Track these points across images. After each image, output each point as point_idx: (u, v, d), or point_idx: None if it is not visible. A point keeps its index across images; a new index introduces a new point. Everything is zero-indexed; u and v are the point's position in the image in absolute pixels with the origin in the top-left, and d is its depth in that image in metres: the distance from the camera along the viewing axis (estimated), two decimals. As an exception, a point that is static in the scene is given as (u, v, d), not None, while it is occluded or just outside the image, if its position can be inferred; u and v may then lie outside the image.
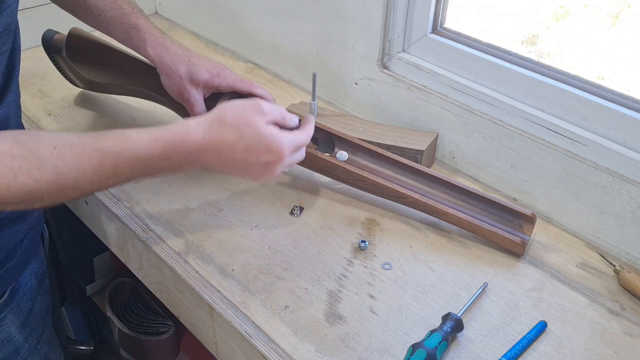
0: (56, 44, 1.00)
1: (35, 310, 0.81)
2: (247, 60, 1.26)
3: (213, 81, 0.84)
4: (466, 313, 0.70)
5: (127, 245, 0.84)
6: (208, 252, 0.77)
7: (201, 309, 0.73)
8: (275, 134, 0.68)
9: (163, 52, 0.83)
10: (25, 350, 0.80)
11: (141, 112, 1.05)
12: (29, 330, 0.80)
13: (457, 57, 0.93)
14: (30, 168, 0.57)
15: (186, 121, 0.67)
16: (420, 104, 0.96)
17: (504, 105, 0.87)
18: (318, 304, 0.71)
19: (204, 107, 0.86)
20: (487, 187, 0.93)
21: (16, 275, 0.76)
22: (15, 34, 0.68)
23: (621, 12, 0.86)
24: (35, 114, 1.04)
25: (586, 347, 0.68)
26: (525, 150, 0.86)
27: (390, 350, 0.66)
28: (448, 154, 0.97)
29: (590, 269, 0.79)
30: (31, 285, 0.80)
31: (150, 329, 1.09)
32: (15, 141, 0.57)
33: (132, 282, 1.16)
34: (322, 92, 1.12)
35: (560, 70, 0.85)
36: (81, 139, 0.60)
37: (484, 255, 0.79)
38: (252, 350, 0.67)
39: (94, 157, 0.60)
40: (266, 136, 0.67)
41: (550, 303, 0.73)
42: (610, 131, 0.80)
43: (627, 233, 0.79)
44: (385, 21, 0.95)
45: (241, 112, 0.67)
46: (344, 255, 0.78)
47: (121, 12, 0.84)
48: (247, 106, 0.68)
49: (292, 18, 1.10)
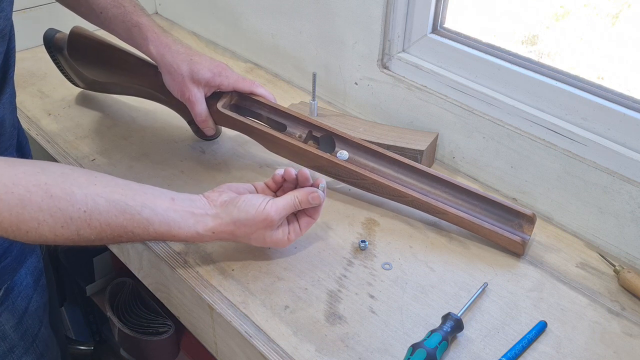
0: (58, 42, 1.00)
1: (31, 308, 0.81)
2: (247, 60, 1.26)
3: (214, 80, 0.84)
4: (466, 313, 0.70)
5: (127, 245, 0.84)
6: (208, 252, 0.77)
7: (201, 309, 0.73)
8: (278, 243, 0.72)
9: (165, 51, 0.83)
10: (20, 348, 0.80)
11: (141, 112, 1.05)
12: (24, 328, 0.80)
13: (457, 57, 0.93)
14: (55, 225, 0.58)
15: (201, 227, 0.68)
16: (420, 104, 0.96)
17: (504, 105, 0.87)
18: (318, 304, 0.71)
19: (205, 106, 0.86)
20: (487, 187, 0.93)
21: (11, 274, 0.76)
22: (9, 36, 0.68)
23: (621, 12, 0.86)
24: (35, 114, 1.04)
25: (586, 347, 0.68)
26: (525, 150, 0.86)
27: (390, 350, 0.66)
28: (448, 154, 0.97)
29: (590, 269, 0.79)
30: (27, 284, 0.80)
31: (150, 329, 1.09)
32: (48, 194, 0.57)
33: (132, 282, 1.16)
34: (322, 92, 1.12)
35: (560, 70, 0.85)
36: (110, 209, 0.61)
37: (484, 255, 0.79)
38: (252, 350, 0.67)
39: (115, 230, 0.62)
40: (270, 244, 0.72)
41: (550, 303, 0.73)
42: (610, 131, 0.80)
43: (627, 233, 0.79)
44: (385, 21, 0.95)
45: (253, 229, 0.70)
46: (344, 255, 0.78)
47: (123, 10, 0.84)
48: (259, 223, 0.69)
49: (292, 18, 1.10)
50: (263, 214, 0.69)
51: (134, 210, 0.63)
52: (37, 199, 0.56)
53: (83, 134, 0.99)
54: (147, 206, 0.64)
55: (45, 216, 0.57)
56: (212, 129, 0.89)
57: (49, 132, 0.99)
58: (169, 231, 0.66)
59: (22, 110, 1.04)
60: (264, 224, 0.69)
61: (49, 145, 0.96)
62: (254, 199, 0.70)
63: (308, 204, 0.72)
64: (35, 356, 0.83)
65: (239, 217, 0.69)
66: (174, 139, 0.99)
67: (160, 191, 0.67)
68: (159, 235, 0.66)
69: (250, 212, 0.69)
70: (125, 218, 0.62)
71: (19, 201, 0.55)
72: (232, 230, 0.69)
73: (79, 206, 0.59)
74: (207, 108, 0.86)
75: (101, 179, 0.63)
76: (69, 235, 0.59)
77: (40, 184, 0.57)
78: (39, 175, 0.57)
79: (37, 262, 0.83)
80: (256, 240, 0.71)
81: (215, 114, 0.88)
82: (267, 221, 0.69)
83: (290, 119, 0.89)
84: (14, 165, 0.57)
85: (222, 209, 0.69)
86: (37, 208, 0.56)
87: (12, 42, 0.70)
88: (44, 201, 0.57)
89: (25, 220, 0.56)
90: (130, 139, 0.98)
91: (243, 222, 0.69)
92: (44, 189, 0.57)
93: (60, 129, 1.00)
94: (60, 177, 0.59)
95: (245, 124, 0.87)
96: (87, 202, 0.59)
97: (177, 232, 0.66)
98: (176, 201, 0.67)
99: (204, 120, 0.87)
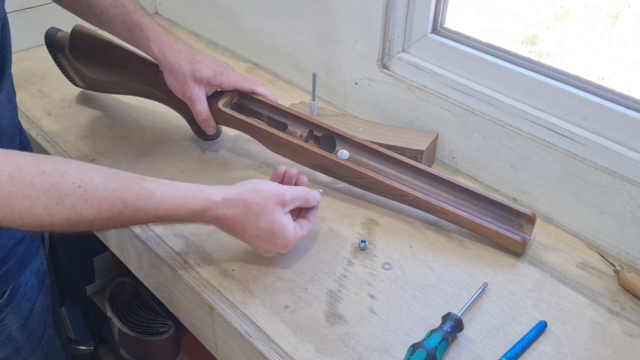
0: (59, 41, 1.00)
1: (36, 309, 0.81)
2: (247, 60, 1.26)
3: (216, 79, 0.84)
4: (466, 313, 0.70)
5: (127, 245, 0.84)
6: (208, 252, 0.77)
7: (201, 309, 0.73)
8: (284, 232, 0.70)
9: (167, 50, 0.83)
10: (26, 350, 0.80)
11: (141, 112, 1.05)
12: (30, 329, 0.80)
13: (457, 57, 0.93)
14: (49, 202, 0.56)
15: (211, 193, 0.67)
16: (420, 104, 0.96)
17: (504, 105, 0.87)
18: (318, 304, 0.71)
19: (206, 105, 0.86)
20: (487, 187, 0.93)
21: (16, 275, 0.76)
22: (3, 33, 0.68)
23: (621, 12, 0.86)
24: (35, 113, 1.04)
25: (586, 347, 0.68)
26: (525, 150, 0.86)
27: (390, 350, 0.66)
28: (448, 154, 0.97)
29: (590, 269, 0.79)
30: (32, 285, 0.80)
31: (150, 329, 1.09)
32: (40, 170, 0.55)
33: (132, 282, 1.16)
34: (322, 92, 1.12)
35: (560, 70, 0.85)
36: (107, 183, 0.59)
37: (484, 255, 0.79)
38: (252, 350, 0.67)
39: (115, 205, 0.60)
40: (277, 232, 0.70)
41: (550, 303, 0.73)
42: (610, 131, 0.80)
43: (627, 233, 0.79)
44: (385, 21, 0.95)
45: (266, 202, 0.69)
46: (344, 255, 0.78)
47: (123, 10, 0.85)
48: (273, 196, 0.69)
49: (292, 18, 1.10)
50: (277, 188, 0.70)
51: (133, 182, 0.61)
52: (28, 176, 0.54)
53: (83, 134, 0.99)
54: (147, 179, 0.63)
55: (37, 193, 0.55)
56: (213, 128, 0.89)
57: (49, 132, 0.99)
58: (174, 199, 0.63)
59: (22, 110, 1.04)
60: (276, 198, 0.70)
61: (49, 145, 0.96)
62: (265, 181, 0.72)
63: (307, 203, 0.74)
64: (40, 357, 0.83)
65: (254, 186, 0.70)
66: (174, 139, 0.99)
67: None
68: (165, 208, 0.63)
69: (264, 185, 0.70)
70: (124, 191, 0.60)
71: (9, 178, 0.53)
72: (244, 197, 0.68)
73: (72, 181, 0.57)
74: (208, 107, 0.86)
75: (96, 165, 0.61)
76: (65, 213, 0.57)
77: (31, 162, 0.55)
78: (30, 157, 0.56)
79: (41, 263, 0.83)
80: (267, 219, 0.69)
81: (216, 113, 0.88)
82: (280, 196, 0.70)
83: (291, 118, 0.89)
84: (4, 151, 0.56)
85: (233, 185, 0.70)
86: (29, 184, 0.54)
87: (8, 40, 0.70)
88: (35, 177, 0.55)
89: (17, 199, 0.54)
90: (130, 139, 0.98)
91: (257, 191, 0.69)
92: (34, 165, 0.55)
93: (60, 129, 1.00)
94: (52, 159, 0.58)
95: (246, 123, 0.87)
96: (81, 178, 0.58)
97: (182, 200, 0.64)
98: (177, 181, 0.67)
99: (205, 119, 0.87)
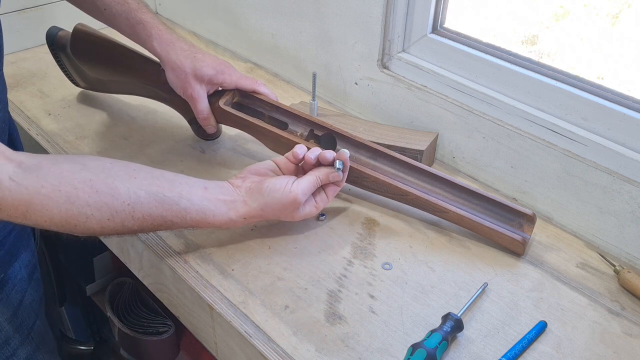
0: (60, 40, 1.00)
1: (25, 302, 0.81)
2: (247, 60, 1.26)
3: (217, 78, 0.85)
4: (466, 313, 0.70)
5: (127, 245, 0.84)
6: (208, 252, 0.77)
7: (201, 309, 0.73)
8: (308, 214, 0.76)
9: (169, 48, 0.84)
10: (16, 340, 0.81)
11: (141, 112, 1.05)
12: (19, 321, 0.81)
13: (457, 57, 0.93)
14: (101, 218, 0.61)
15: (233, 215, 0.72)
16: (420, 104, 0.96)
17: (504, 105, 0.87)
18: (318, 304, 0.71)
19: (207, 104, 0.86)
20: (487, 187, 0.93)
21: (5, 267, 0.76)
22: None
23: (621, 12, 0.86)
24: (35, 113, 1.04)
25: (586, 347, 0.68)
26: (525, 150, 0.86)
27: (390, 350, 0.66)
28: (448, 154, 0.97)
29: (590, 269, 0.79)
30: (21, 277, 0.80)
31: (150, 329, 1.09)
32: (93, 189, 0.60)
33: (132, 282, 1.16)
34: (322, 92, 1.12)
35: (560, 70, 0.85)
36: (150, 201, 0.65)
37: (484, 255, 0.79)
38: (252, 350, 0.67)
39: (156, 220, 0.67)
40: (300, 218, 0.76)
41: (550, 303, 0.73)
42: (610, 131, 0.80)
43: (627, 233, 0.79)
44: (385, 21, 0.95)
45: (282, 211, 0.74)
46: (344, 255, 0.78)
47: (127, 7, 0.85)
48: (288, 204, 0.73)
49: (292, 18, 1.10)
50: (290, 196, 0.72)
51: (172, 201, 0.67)
52: (84, 195, 0.59)
53: (83, 134, 0.99)
54: (184, 197, 0.68)
55: (92, 211, 0.60)
56: (214, 127, 0.89)
57: (49, 132, 0.99)
58: (204, 219, 0.70)
59: (22, 110, 1.04)
60: (292, 206, 0.73)
61: (49, 145, 0.96)
62: (277, 182, 0.73)
63: (329, 181, 0.77)
64: (31, 348, 0.84)
65: (266, 202, 0.72)
66: (174, 139, 0.99)
67: (193, 180, 0.71)
68: (195, 222, 0.70)
69: (277, 196, 0.72)
70: (164, 209, 0.66)
71: (67, 198, 0.59)
72: (261, 214, 0.73)
73: (122, 199, 0.63)
74: (209, 105, 0.87)
75: (139, 171, 0.67)
76: (114, 227, 0.63)
77: (85, 180, 0.60)
78: (83, 172, 0.61)
79: (31, 256, 0.83)
80: (285, 217, 0.75)
81: (217, 112, 0.88)
82: (295, 203, 0.73)
83: (292, 118, 0.89)
84: (58, 163, 0.60)
85: (248, 195, 0.73)
86: (85, 203, 0.60)
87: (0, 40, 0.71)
88: (90, 197, 0.60)
89: (74, 216, 0.59)
90: (130, 139, 0.98)
91: (271, 206, 0.72)
92: (89, 185, 0.60)
93: (60, 129, 1.00)
94: (102, 172, 0.63)
95: (247, 122, 0.87)
96: (130, 196, 0.63)
97: (211, 219, 0.70)
98: (209, 190, 0.71)
99: (206, 118, 0.87)
